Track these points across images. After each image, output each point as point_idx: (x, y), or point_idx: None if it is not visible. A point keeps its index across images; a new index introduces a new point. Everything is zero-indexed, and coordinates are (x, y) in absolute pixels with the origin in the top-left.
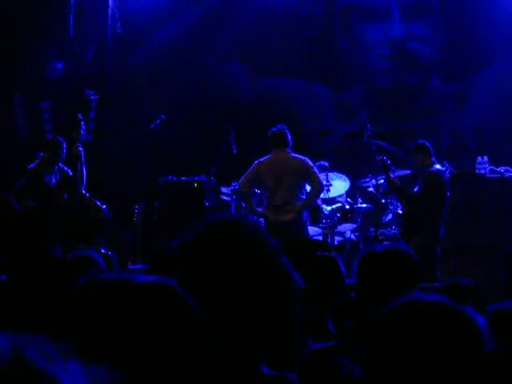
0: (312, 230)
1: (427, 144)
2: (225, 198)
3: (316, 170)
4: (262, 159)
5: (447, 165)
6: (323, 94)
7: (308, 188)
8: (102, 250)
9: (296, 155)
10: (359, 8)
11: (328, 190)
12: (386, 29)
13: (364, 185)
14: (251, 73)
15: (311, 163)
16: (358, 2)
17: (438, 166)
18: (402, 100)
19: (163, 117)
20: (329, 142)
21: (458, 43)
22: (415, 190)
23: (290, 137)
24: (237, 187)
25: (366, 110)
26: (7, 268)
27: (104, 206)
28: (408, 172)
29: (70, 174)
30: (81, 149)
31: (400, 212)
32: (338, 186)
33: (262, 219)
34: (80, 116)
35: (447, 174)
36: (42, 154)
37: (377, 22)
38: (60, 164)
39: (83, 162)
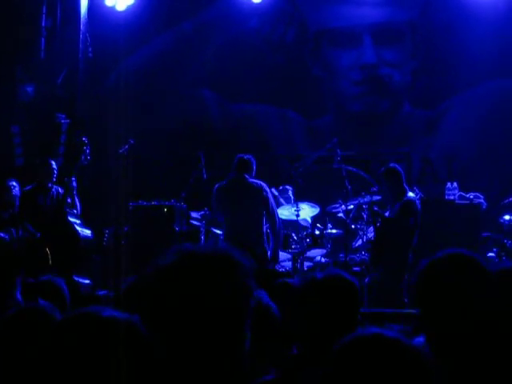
0: (281, 255)
1: (398, 168)
2: (194, 222)
3: (271, 200)
4: (219, 184)
5: (417, 191)
6: (295, 120)
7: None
8: (75, 277)
9: (253, 180)
10: (331, 34)
11: (297, 215)
12: (358, 54)
13: (334, 210)
14: (223, 99)
15: (267, 190)
16: (329, 27)
17: (411, 194)
18: (373, 125)
19: (132, 142)
20: (300, 167)
21: (429, 70)
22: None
23: (254, 167)
24: (208, 212)
25: (337, 136)
26: None
27: (86, 232)
28: (378, 198)
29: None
30: (73, 176)
31: (371, 237)
32: (307, 210)
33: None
34: (84, 139)
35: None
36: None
37: (348, 47)
38: (56, 186)
39: (74, 188)
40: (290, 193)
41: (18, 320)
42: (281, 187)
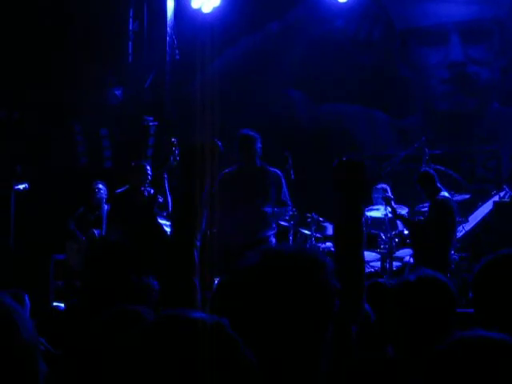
0: (370, 255)
1: (430, 171)
2: (283, 223)
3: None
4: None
5: (507, 189)
6: (382, 120)
7: None
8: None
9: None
10: (418, 32)
11: (386, 215)
12: (445, 52)
13: (423, 209)
14: (310, 99)
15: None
16: (416, 26)
17: (445, 194)
18: (461, 124)
19: (219, 143)
20: (388, 167)
21: None
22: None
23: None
24: (296, 213)
25: (425, 135)
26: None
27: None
28: (467, 197)
29: (160, 199)
30: (165, 175)
31: (408, 241)
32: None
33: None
34: (174, 140)
35: (497, 201)
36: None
37: (436, 45)
38: (148, 189)
39: (166, 188)
40: (389, 191)
41: (114, 322)
42: (378, 186)
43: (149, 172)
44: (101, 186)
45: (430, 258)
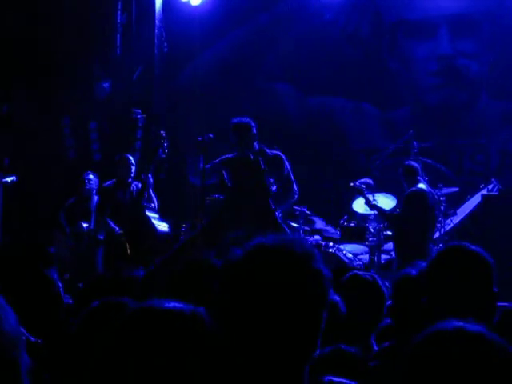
0: (358, 248)
1: (413, 164)
2: None
3: None
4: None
5: (495, 182)
6: (371, 113)
7: None
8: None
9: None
10: (406, 25)
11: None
12: (434, 45)
13: None
14: (298, 92)
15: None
16: (405, 19)
17: (420, 185)
18: (450, 117)
19: (211, 136)
20: (376, 160)
21: (507, 60)
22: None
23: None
24: None
25: (413, 128)
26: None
27: (163, 226)
28: (455, 190)
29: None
30: (150, 179)
31: (390, 233)
32: (384, 202)
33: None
34: (162, 133)
35: (485, 194)
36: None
37: (424, 38)
38: (134, 182)
39: (151, 191)
40: (372, 186)
41: (99, 314)
42: (361, 180)
43: (132, 163)
44: (91, 176)
45: (407, 251)
